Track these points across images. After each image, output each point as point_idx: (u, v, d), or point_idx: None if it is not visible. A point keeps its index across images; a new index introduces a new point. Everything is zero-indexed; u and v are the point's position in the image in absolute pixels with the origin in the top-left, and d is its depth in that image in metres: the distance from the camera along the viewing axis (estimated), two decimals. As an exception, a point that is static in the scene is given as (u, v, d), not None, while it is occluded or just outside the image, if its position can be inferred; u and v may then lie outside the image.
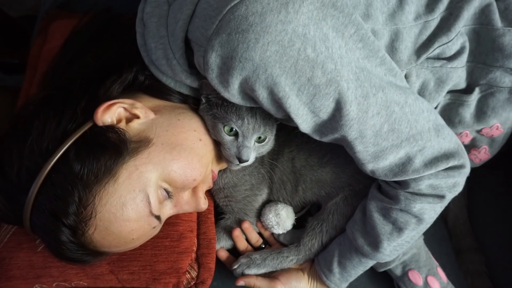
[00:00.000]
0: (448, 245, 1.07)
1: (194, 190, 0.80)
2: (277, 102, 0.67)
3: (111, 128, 0.69)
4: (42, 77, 0.87)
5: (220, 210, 1.00)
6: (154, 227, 0.74)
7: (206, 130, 0.80)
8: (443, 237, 1.08)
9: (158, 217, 0.73)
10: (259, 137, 0.80)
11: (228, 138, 0.79)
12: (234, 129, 0.78)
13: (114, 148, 0.68)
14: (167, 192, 0.74)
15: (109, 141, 0.68)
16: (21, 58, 1.38)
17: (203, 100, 0.80)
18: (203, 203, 0.80)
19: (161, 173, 0.71)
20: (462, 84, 0.85)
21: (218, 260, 0.95)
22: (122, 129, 0.70)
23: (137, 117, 0.73)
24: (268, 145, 0.84)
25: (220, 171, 0.91)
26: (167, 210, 0.76)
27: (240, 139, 0.79)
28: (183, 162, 0.73)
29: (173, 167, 0.72)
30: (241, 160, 0.79)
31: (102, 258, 0.75)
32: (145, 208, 0.70)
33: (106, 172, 0.67)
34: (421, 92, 0.82)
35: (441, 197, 0.77)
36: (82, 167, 0.65)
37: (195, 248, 0.88)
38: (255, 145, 0.80)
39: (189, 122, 0.78)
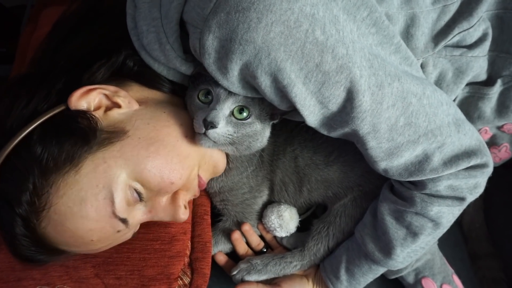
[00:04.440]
0: (463, 250, 1.03)
1: (174, 196, 0.72)
2: (281, 91, 0.61)
3: (83, 114, 0.64)
4: (29, 62, 0.83)
5: (218, 211, 0.95)
6: (119, 231, 0.67)
7: None
8: (457, 242, 1.03)
9: (123, 220, 0.66)
10: (239, 110, 0.70)
11: (200, 105, 0.71)
12: (209, 97, 0.70)
13: (81, 134, 0.63)
14: (139, 194, 0.67)
15: (78, 127, 0.63)
16: (10, 47, 1.34)
17: (190, 85, 0.73)
18: (182, 213, 0.72)
19: (132, 171, 0.65)
20: (483, 76, 0.81)
21: (216, 265, 0.91)
22: (94, 116, 0.65)
23: (119, 106, 0.68)
24: (250, 128, 0.71)
25: None
26: (140, 215, 0.70)
27: (212, 104, 0.69)
28: (160, 160, 0.67)
29: (147, 165, 0.65)
30: (206, 123, 0.66)
31: (61, 257, 0.69)
32: (107, 207, 0.63)
33: (67, 159, 0.61)
34: (438, 83, 0.78)
35: (461, 199, 0.72)
36: (43, 151, 0.60)
37: (188, 252, 0.84)
38: (231, 117, 0.70)
39: (177, 115, 0.72)
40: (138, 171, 0.65)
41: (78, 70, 0.68)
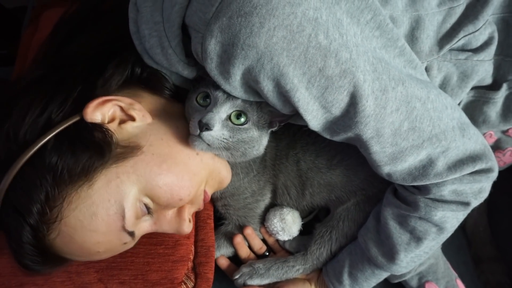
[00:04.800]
0: (466, 254, 1.02)
1: (179, 210, 0.72)
2: (284, 95, 0.60)
3: (98, 127, 0.64)
4: (32, 60, 0.82)
5: (220, 215, 0.94)
6: (125, 243, 0.67)
7: None
8: (461, 245, 1.02)
9: (131, 233, 0.66)
10: (236, 115, 0.68)
11: (198, 107, 0.70)
12: (207, 100, 0.69)
13: (97, 148, 0.62)
14: (147, 208, 0.67)
15: (93, 141, 0.62)
16: (11, 49, 1.33)
17: (191, 88, 0.72)
18: (187, 227, 0.72)
19: (144, 187, 0.65)
20: (488, 80, 0.79)
21: (218, 269, 0.90)
22: (110, 130, 0.64)
23: (133, 119, 0.67)
24: (247, 134, 0.70)
25: None
26: (145, 227, 0.70)
27: (209, 106, 0.68)
28: (172, 178, 0.67)
29: (158, 182, 0.66)
30: (201, 125, 0.65)
31: (63, 266, 0.69)
32: (117, 222, 0.64)
33: (82, 173, 0.61)
34: (443, 87, 0.76)
35: (466, 204, 0.71)
36: (58, 163, 0.60)
37: (192, 256, 0.83)
38: (228, 121, 0.68)
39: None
40: (150, 187, 0.65)
41: (92, 77, 0.67)
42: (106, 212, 0.62)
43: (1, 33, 1.44)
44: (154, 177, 0.65)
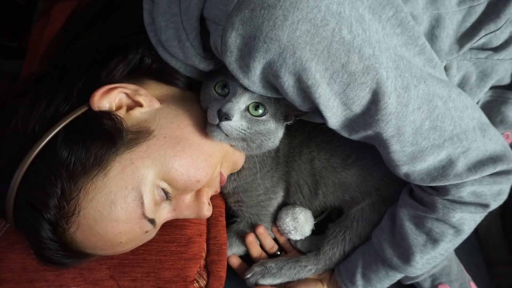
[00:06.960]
0: (479, 257, 1.01)
1: (198, 193, 0.72)
2: (305, 91, 0.59)
3: (107, 115, 0.63)
4: (42, 56, 0.81)
5: (232, 213, 0.93)
6: (147, 232, 0.66)
7: None
8: (473, 248, 1.01)
9: (152, 221, 0.65)
10: (255, 107, 0.68)
11: (216, 96, 0.69)
12: (225, 90, 0.68)
13: (108, 136, 0.61)
14: (166, 193, 0.66)
15: (103, 129, 0.61)
16: (21, 42, 1.31)
17: (207, 76, 0.71)
18: (207, 210, 0.72)
19: (160, 171, 0.64)
20: (507, 79, 0.78)
21: (229, 267, 0.89)
22: (119, 116, 0.63)
23: (140, 105, 0.67)
24: (264, 126, 0.69)
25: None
26: (165, 214, 0.69)
27: (229, 96, 0.67)
28: (187, 159, 0.66)
29: (174, 164, 0.65)
30: (221, 114, 0.65)
31: (85, 260, 0.68)
32: (137, 209, 0.62)
33: (96, 163, 0.60)
34: (461, 86, 0.75)
35: (485, 206, 0.70)
36: (69, 155, 0.59)
37: (204, 254, 0.82)
38: (246, 112, 0.68)
39: (200, 113, 0.70)
40: (166, 170, 0.64)
41: (95, 68, 0.66)
42: (124, 199, 0.61)
43: (11, 26, 1.43)
44: (169, 160, 0.64)
